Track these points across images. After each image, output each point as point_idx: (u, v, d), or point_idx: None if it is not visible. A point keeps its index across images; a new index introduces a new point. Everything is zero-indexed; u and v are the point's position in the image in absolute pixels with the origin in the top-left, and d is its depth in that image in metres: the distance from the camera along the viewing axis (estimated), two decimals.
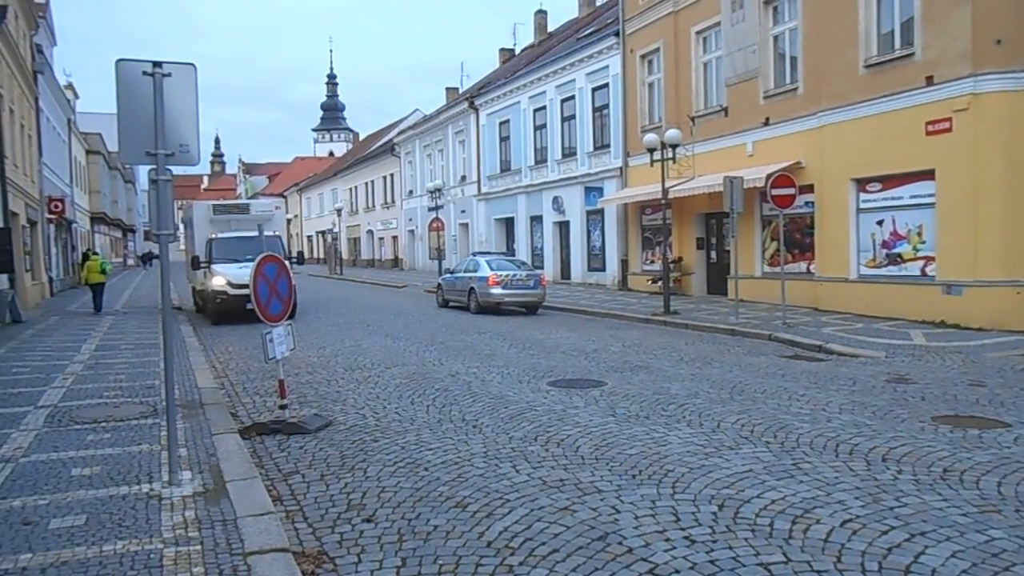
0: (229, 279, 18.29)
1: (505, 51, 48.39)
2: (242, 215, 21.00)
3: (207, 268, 19.31)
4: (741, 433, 7.34)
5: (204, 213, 21.28)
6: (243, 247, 18.45)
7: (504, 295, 20.25)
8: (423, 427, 7.87)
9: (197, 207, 22.04)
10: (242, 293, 16.12)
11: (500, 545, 4.79)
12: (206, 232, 20.35)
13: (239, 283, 16.70)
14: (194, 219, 21.35)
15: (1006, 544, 4.60)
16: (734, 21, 20.64)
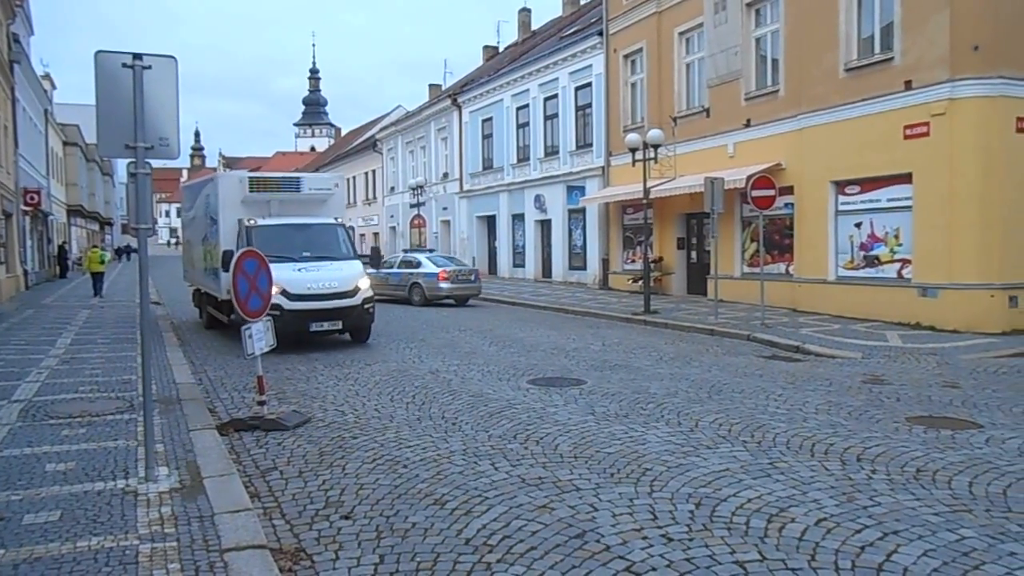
0: (284, 287, 12.64)
1: (489, 49, 48.28)
2: (289, 194, 14.74)
3: None
4: (719, 432, 7.40)
5: (234, 190, 14.52)
6: (297, 239, 14.00)
7: (452, 288, 22.29)
8: (402, 424, 7.86)
9: (223, 181, 14.98)
10: (306, 308, 12.91)
11: (478, 542, 4.80)
12: (237, 216, 14.32)
13: (301, 293, 12.93)
14: (219, 198, 14.55)
15: (976, 543, 4.67)
16: (717, 23, 20.76)
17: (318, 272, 13.36)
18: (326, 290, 13.14)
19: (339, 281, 13.33)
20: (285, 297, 12.78)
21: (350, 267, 13.85)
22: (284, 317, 12.57)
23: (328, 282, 13.19)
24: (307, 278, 13.11)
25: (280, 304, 12.48)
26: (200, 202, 16.48)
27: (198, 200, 16.79)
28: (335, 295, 13.21)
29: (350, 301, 13.36)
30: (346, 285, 13.38)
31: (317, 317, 13.07)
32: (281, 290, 12.52)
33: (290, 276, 12.99)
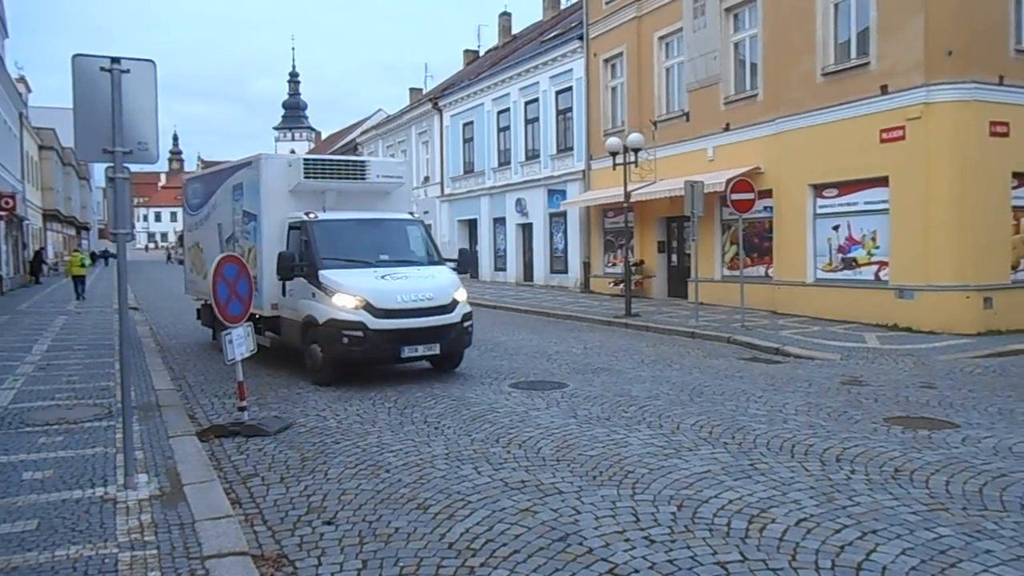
0: (368, 300, 10.09)
1: (469, 52, 48.34)
2: (352, 182, 11.81)
3: (310, 277, 10.56)
4: (700, 434, 7.44)
5: (280, 177, 11.61)
6: (370, 239, 11.33)
7: None
8: (384, 429, 7.85)
9: (268, 166, 11.73)
10: (398, 327, 10.13)
11: (461, 546, 4.80)
12: (284, 210, 11.53)
13: (390, 307, 10.11)
14: (261, 188, 11.61)
15: (953, 541, 4.74)
16: (696, 27, 20.91)
17: (407, 281, 10.59)
18: (421, 303, 10.31)
19: (434, 292, 10.53)
20: (369, 313, 10.01)
21: (443, 274, 11.16)
22: (369, 340, 9.95)
23: (422, 293, 10.38)
24: (395, 288, 10.34)
25: (363, 323, 9.93)
26: (222, 196, 13.38)
27: (218, 193, 13.59)
28: (431, 310, 10.38)
29: (449, 317, 10.58)
30: (443, 297, 10.59)
31: (410, 339, 10.24)
32: (363, 303, 10.04)
33: (373, 285, 10.28)
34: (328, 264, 10.52)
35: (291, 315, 11.18)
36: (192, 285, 15.60)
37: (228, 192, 13.04)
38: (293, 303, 11.06)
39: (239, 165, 12.77)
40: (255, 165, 11.81)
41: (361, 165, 12.00)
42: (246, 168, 12.28)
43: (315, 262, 10.52)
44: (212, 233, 13.98)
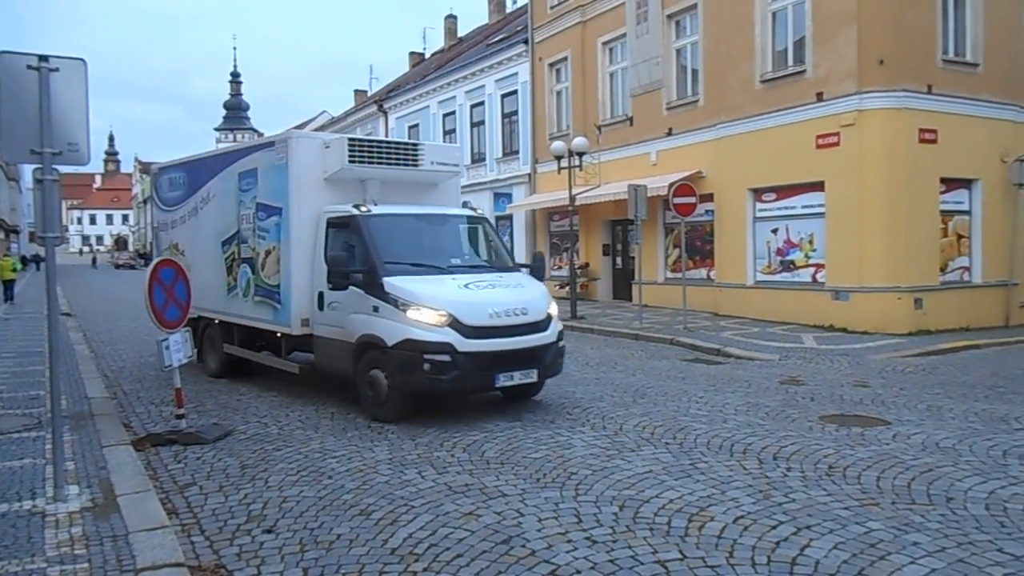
0: (454, 314, 8.05)
1: (415, 55, 48.12)
2: (403, 169, 9.78)
3: (370, 287, 8.45)
4: (642, 435, 7.54)
5: (316, 161, 9.47)
6: (434, 239, 9.50)
7: None
8: (327, 435, 7.76)
9: (299, 147, 9.45)
10: (494, 349, 8.11)
11: (404, 552, 4.77)
12: (317, 202, 9.39)
13: (482, 324, 8.09)
14: (290, 174, 9.35)
15: (883, 535, 4.90)
16: (639, 33, 21.20)
17: (495, 291, 8.51)
18: (515, 319, 8.27)
19: (528, 305, 8.45)
20: (457, 332, 7.92)
21: (532, 283, 9.09)
22: (458, 366, 7.87)
23: (515, 306, 8.33)
24: (485, 300, 8.27)
25: (450, 344, 7.85)
26: (220, 186, 11.03)
27: (213, 183, 11.24)
28: (527, 327, 8.35)
29: (545, 336, 8.53)
30: (538, 311, 8.52)
31: (506, 363, 8.15)
32: (448, 320, 7.94)
33: (458, 296, 8.20)
34: (392, 270, 8.38)
35: (334, 334, 8.89)
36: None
37: (231, 181, 10.68)
38: (338, 319, 8.79)
39: (250, 147, 10.59)
40: (280, 146, 9.53)
41: (414, 149, 9.95)
42: (264, 151, 9.97)
43: (376, 267, 8.35)
44: (201, 232, 11.63)
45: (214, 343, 11.47)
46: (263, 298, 9.96)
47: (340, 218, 9.12)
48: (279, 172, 9.56)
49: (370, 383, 8.38)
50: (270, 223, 9.78)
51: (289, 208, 9.37)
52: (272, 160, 9.72)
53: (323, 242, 9.19)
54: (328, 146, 9.54)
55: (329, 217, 9.23)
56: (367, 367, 8.44)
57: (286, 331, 9.57)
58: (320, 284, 9.06)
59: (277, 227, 9.62)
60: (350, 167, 9.31)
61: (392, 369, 8.12)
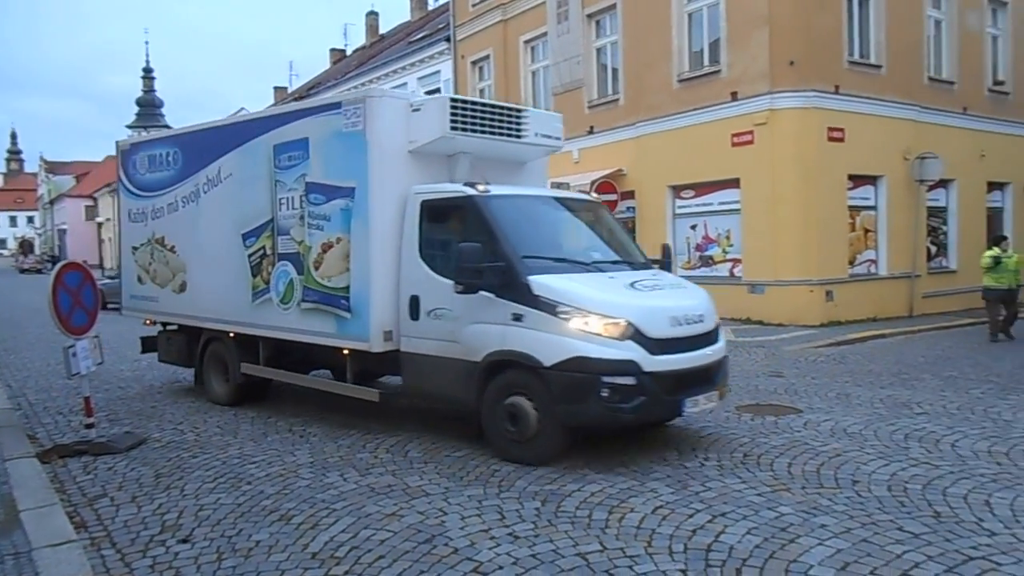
0: (635, 323, 6.28)
1: (336, 51, 47.45)
2: (505, 141, 7.96)
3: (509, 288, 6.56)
4: None
5: (400, 127, 7.48)
6: (562, 228, 7.97)
7: None
8: (247, 440, 7.58)
9: (381, 107, 7.35)
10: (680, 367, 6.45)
11: (325, 556, 4.71)
12: (400, 181, 7.45)
13: (667, 336, 6.44)
14: (369, 144, 7.28)
15: (793, 519, 5.09)
16: (560, 32, 21.40)
17: (664, 292, 6.98)
18: (696, 327, 6.74)
19: (703, 310, 6.94)
20: (641, 345, 6.25)
21: (689, 283, 7.74)
22: (644, 390, 6.17)
23: (691, 312, 6.78)
24: (662, 304, 6.69)
25: (635, 363, 6.18)
26: (239, 163, 8.77)
27: (226, 161, 8.94)
28: (705, 337, 6.82)
29: (721, 350, 7.06)
30: (710, 319, 6.99)
31: (692, 383, 6.57)
32: (628, 330, 6.24)
33: (632, 299, 6.55)
34: (535, 267, 6.63)
35: (439, 350, 6.99)
36: (143, 302, 10.47)
37: (259, 157, 8.45)
38: (446, 331, 6.92)
39: (293, 112, 8.31)
40: (353, 109, 7.40)
41: (517, 116, 7.99)
42: (320, 115, 7.82)
43: (514, 263, 6.57)
44: (207, 222, 9.26)
45: (224, 362, 9.23)
46: (318, 304, 7.75)
47: (444, 200, 7.22)
48: (349, 142, 7.42)
49: (510, 415, 6.49)
50: (331, 208, 7.60)
51: (369, 189, 7.24)
52: (335, 127, 7.57)
53: (416, 232, 7.24)
54: (418, 109, 7.50)
55: (425, 200, 7.26)
56: (502, 393, 6.57)
57: (360, 347, 7.40)
58: (414, 286, 7.17)
59: (345, 213, 7.46)
60: (450, 136, 7.35)
61: (551, 396, 6.25)
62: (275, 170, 8.32)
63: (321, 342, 7.88)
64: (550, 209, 7.83)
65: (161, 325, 10.57)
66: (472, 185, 7.13)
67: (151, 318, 10.59)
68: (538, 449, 6.44)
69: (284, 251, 8.22)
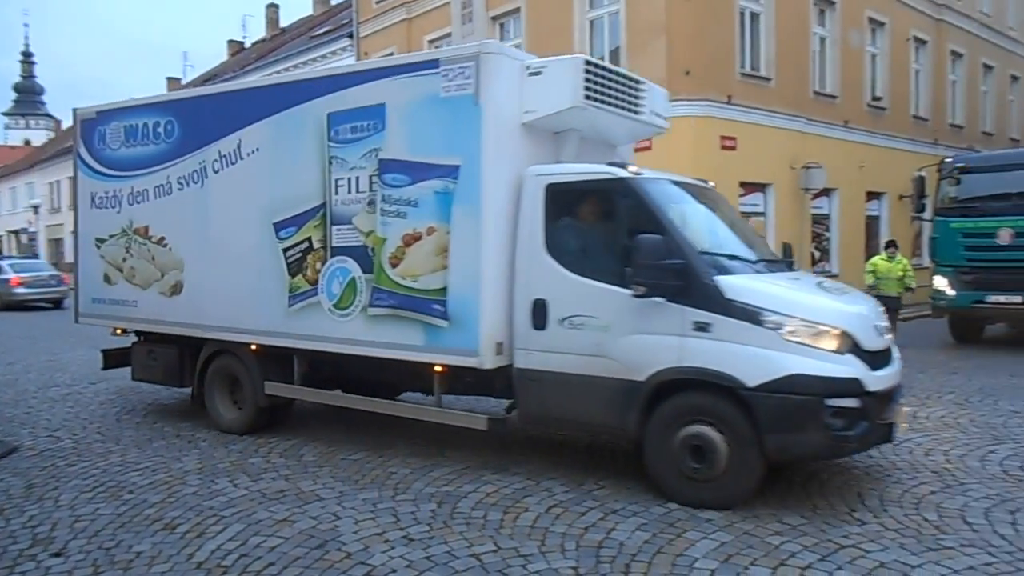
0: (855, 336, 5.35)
1: (234, 43, 46.03)
2: (624, 116, 6.76)
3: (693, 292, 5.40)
4: (464, 431, 7.61)
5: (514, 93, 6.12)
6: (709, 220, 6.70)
7: (28, 293, 24.53)
8: (130, 446, 7.24)
9: (499, 66, 5.99)
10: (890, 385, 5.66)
11: (211, 565, 4.56)
12: (514, 159, 6.12)
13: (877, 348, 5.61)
14: (483, 110, 5.90)
15: (680, 514, 5.25)
16: (464, 34, 21.40)
17: (852, 296, 6.21)
18: (888, 339, 5.93)
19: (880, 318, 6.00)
20: (860, 360, 5.36)
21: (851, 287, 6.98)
22: (867, 414, 5.28)
23: (882, 321, 5.97)
24: (863, 311, 5.79)
25: (859, 381, 5.25)
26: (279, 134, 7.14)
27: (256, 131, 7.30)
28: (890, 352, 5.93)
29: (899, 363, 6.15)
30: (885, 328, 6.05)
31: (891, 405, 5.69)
32: (846, 341, 5.33)
33: (839, 304, 5.69)
34: (719, 265, 5.68)
35: (578, 367, 5.77)
36: (112, 307, 8.56)
37: (301, 127, 6.94)
38: (589, 343, 5.72)
39: (362, 72, 6.77)
40: (461, 69, 6.02)
41: (635, 88, 6.87)
42: (406, 76, 6.37)
43: (693, 261, 5.50)
44: (218, 208, 7.63)
45: (234, 381, 7.76)
46: (395, 310, 6.36)
47: (582, 184, 6.05)
48: (451, 110, 6.08)
49: (691, 448, 5.40)
50: (420, 192, 6.22)
51: (481, 168, 5.93)
52: (428, 91, 6.19)
53: (540, 223, 6.00)
54: (537, 72, 6.17)
55: (553, 183, 6.01)
56: (678, 421, 5.45)
57: (464, 363, 6.08)
58: (538, 288, 5.93)
59: (442, 198, 6.10)
60: (582, 107, 6.12)
61: (756, 425, 5.19)
62: (330, 144, 6.75)
63: (399, 357, 6.40)
64: (691, 197, 6.62)
65: (135, 335, 8.76)
66: (622, 165, 5.98)
67: (123, 327, 8.64)
68: (728, 489, 5.31)
69: (341, 244, 6.70)
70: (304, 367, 7.31)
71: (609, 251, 5.86)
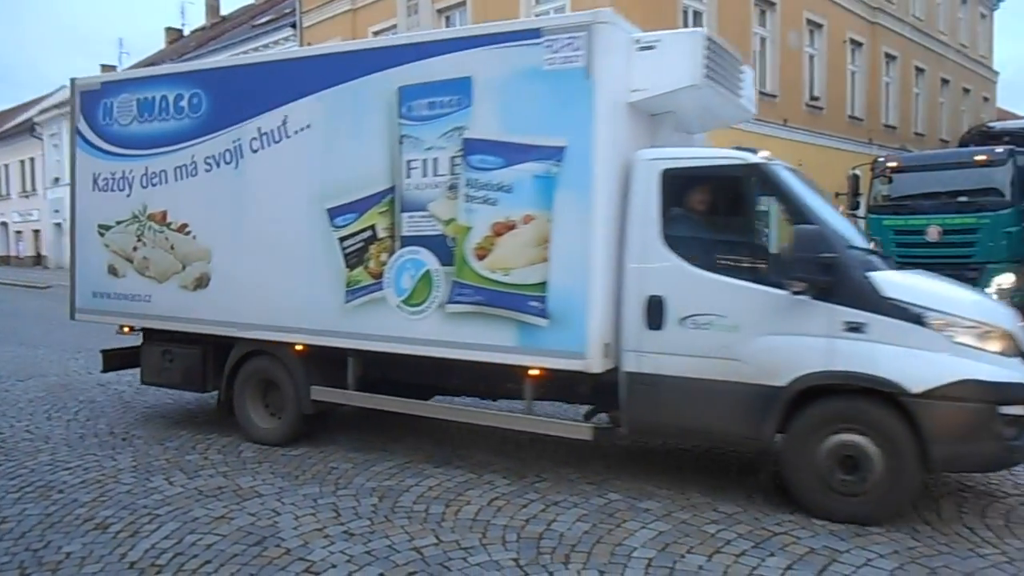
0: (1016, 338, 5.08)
1: (172, 31, 44.85)
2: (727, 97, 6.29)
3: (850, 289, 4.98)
4: (406, 427, 7.59)
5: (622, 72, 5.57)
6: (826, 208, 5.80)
7: None
8: (60, 445, 7.01)
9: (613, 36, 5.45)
10: None
11: (145, 565, 4.46)
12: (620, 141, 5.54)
13: None
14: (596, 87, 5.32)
15: (620, 505, 5.34)
16: (409, 26, 21.26)
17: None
18: None
19: None
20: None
21: None
22: None
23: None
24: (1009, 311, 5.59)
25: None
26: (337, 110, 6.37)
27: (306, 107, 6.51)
28: None
29: None
30: None
31: None
32: (1012, 343, 5.05)
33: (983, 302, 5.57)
34: (869, 260, 5.33)
35: (702, 371, 5.30)
36: (119, 302, 7.66)
37: (365, 102, 6.21)
38: (718, 344, 5.25)
39: (434, 43, 6.07)
40: (569, 40, 5.40)
41: (740, 69, 6.53)
42: (494, 46, 5.72)
43: (843, 255, 5.07)
44: (257, 192, 6.79)
45: (275, 385, 6.98)
46: (480, 307, 5.74)
47: (706, 170, 5.65)
48: (555, 85, 5.48)
49: (841, 459, 5.01)
50: (514, 175, 5.61)
51: (593, 149, 5.36)
52: (528, 63, 5.57)
53: (656, 211, 5.47)
54: (649, 46, 5.65)
55: (670, 168, 5.51)
56: (825, 430, 5.04)
57: (567, 366, 5.49)
58: (654, 283, 5.41)
59: (543, 182, 5.51)
60: (701, 85, 5.64)
61: (921, 434, 4.80)
62: (401, 121, 6.04)
63: (487, 359, 5.76)
64: (808, 185, 5.99)
65: (142, 333, 7.83)
66: (753, 150, 5.54)
67: (132, 324, 7.78)
68: (882, 503, 4.94)
69: (414, 233, 6.02)
70: (360, 370, 6.59)
71: (740, 244, 5.42)
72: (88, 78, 8.18)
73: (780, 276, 5.08)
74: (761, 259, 5.28)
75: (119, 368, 8.23)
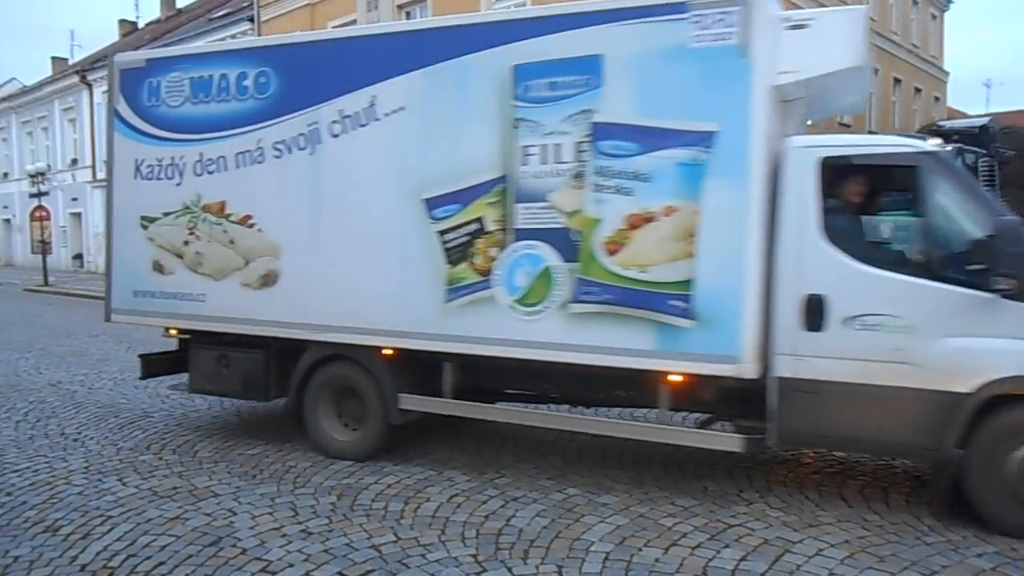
0: None
1: (126, 23, 43.79)
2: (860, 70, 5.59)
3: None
4: None
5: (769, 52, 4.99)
6: None
7: None
8: (8, 447, 6.85)
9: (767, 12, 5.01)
10: None
11: (96, 567, 4.39)
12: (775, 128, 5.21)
13: None
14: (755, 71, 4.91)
15: (579, 499, 5.38)
16: (369, 20, 21.10)
17: None
18: None
19: None
20: None
21: None
22: None
23: None
24: None
25: None
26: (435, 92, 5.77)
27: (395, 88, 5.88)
28: None
29: None
30: None
31: None
32: None
33: None
34: None
35: (871, 376, 4.88)
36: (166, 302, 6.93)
37: (470, 81, 5.65)
38: (890, 347, 4.83)
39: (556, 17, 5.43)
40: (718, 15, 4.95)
41: None
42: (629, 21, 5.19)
43: None
44: (339, 180, 6.13)
45: (353, 393, 6.40)
46: (611, 307, 5.23)
47: (871, 158, 5.18)
48: (703, 64, 5.02)
49: None
50: (654, 163, 5.12)
51: (749, 135, 4.93)
52: (671, 40, 5.07)
53: (814, 203, 5.03)
54: (801, 25, 5.22)
55: (829, 156, 5.09)
56: (1014, 440, 4.66)
57: (718, 371, 5.07)
58: (813, 281, 4.98)
59: (689, 171, 5.03)
60: (860, 67, 5.34)
61: None
62: (516, 103, 5.49)
63: (618, 363, 5.27)
64: None
65: (190, 336, 7.14)
66: (919, 138, 5.13)
67: (181, 326, 7.07)
68: None
69: (530, 226, 5.46)
70: (458, 376, 6.05)
71: (915, 238, 5.07)
72: (131, 54, 7.49)
73: (970, 273, 4.64)
74: (941, 254, 4.86)
75: (160, 374, 7.58)
